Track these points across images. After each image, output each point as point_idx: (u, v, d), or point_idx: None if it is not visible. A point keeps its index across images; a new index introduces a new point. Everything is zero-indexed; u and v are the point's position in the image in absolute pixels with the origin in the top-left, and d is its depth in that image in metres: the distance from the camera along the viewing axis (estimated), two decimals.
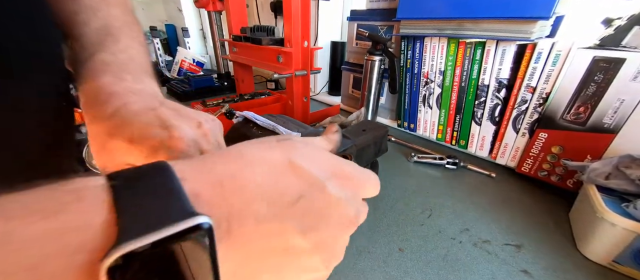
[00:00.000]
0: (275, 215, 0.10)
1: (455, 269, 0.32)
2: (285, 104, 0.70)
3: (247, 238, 0.09)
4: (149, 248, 0.07)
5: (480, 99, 0.54)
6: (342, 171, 0.13)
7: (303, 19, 0.58)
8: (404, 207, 0.43)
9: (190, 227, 0.08)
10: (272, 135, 0.14)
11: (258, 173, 0.10)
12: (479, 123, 0.55)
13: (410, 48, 0.61)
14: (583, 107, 0.41)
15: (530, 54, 0.46)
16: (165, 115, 0.16)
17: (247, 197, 0.10)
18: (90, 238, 0.07)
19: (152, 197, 0.08)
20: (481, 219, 0.41)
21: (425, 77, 0.61)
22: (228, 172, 0.10)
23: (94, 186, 0.08)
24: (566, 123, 0.43)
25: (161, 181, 0.09)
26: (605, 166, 0.37)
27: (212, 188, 0.09)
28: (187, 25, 1.55)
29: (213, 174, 0.10)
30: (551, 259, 0.34)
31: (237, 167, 0.10)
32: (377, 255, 0.34)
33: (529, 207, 0.44)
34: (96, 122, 0.16)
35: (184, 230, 0.08)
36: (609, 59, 0.38)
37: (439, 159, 0.55)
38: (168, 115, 0.17)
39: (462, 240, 0.37)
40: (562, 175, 0.46)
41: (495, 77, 0.51)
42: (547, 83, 0.45)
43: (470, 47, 0.52)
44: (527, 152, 0.49)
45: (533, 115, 0.48)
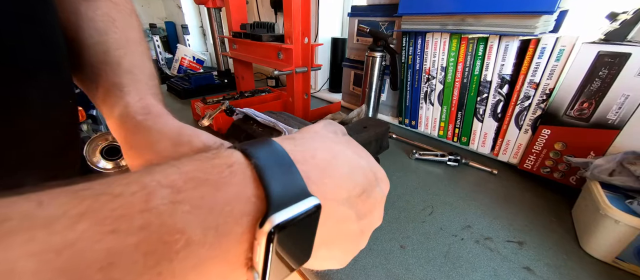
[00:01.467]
0: (348, 202, 0.13)
1: (457, 266, 0.32)
2: (286, 101, 0.70)
3: (325, 216, 0.11)
4: (290, 219, 0.09)
5: (482, 95, 0.53)
6: (379, 172, 0.16)
7: (303, 15, 0.57)
8: (405, 204, 0.43)
9: (312, 206, 0.10)
10: (327, 121, 0.16)
11: (342, 165, 0.13)
12: (481, 120, 0.55)
13: (412, 44, 0.61)
14: (587, 102, 0.41)
15: (534, 49, 0.45)
16: None
17: (336, 183, 0.12)
18: (248, 208, 0.09)
19: (282, 177, 0.10)
20: (483, 216, 0.41)
21: (427, 74, 0.60)
22: (325, 160, 0.12)
23: (238, 162, 0.10)
24: (569, 119, 0.43)
25: (284, 162, 0.11)
26: (609, 163, 0.36)
27: (316, 172, 0.12)
28: (187, 23, 1.54)
29: (316, 160, 0.12)
30: (554, 256, 0.34)
31: (330, 156, 0.13)
32: (379, 253, 0.34)
33: (531, 204, 0.44)
34: None
35: (309, 209, 0.10)
36: (614, 53, 0.37)
37: (440, 156, 0.55)
38: None
39: (464, 237, 0.37)
40: (564, 172, 0.45)
41: (498, 73, 0.50)
42: (550, 79, 0.44)
43: (472, 42, 0.52)
44: (529, 149, 0.48)
45: (536, 112, 0.47)
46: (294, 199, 0.10)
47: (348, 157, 0.13)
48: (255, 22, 0.71)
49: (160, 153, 0.17)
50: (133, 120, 0.18)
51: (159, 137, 0.18)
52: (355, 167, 0.13)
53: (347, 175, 0.13)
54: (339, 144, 0.14)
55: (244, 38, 0.72)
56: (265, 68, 1.19)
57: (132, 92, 0.20)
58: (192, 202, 0.08)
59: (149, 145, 0.18)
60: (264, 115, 0.29)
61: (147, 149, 0.18)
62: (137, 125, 0.18)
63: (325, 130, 0.15)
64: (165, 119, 0.19)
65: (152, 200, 0.07)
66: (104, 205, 0.07)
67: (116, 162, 0.83)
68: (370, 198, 0.14)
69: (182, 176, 0.09)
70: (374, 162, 0.16)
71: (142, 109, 0.19)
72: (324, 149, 0.13)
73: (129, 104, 0.19)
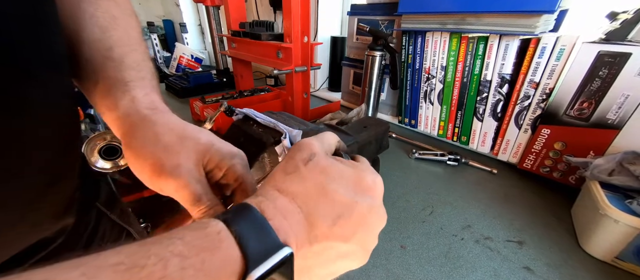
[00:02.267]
0: (322, 235, 0.14)
1: (458, 266, 0.32)
2: (285, 101, 0.70)
3: (303, 255, 0.13)
4: (267, 271, 0.11)
5: (482, 94, 0.53)
6: (364, 182, 0.15)
7: (303, 13, 0.57)
8: (405, 203, 0.43)
9: (286, 255, 0.12)
10: (293, 150, 0.16)
11: (302, 205, 0.14)
12: (481, 119, 0.55)
13: (412, 43, 0.60)
14: (587, 102, 0.41)
15: (534, 48, 0.45)
16: None
17: (301, 228, 0.13)
18: (234, 267, 0.11)
19: (258, 237, 0.12)
20: (483, 215, 0.41)
21: (427, 73, 0.60)
22: (285, 209, 0.14)
23: (224, 230, 0.12)
24: (569, 119, 0.43)
25: (257, 223, 0.12)
26: (609, 162, 0.36)
27: (284, 223, 0.13)
28: (185, 21, 1.53)
29: (278, 210, 0.13)
30: (553, 256, 0.34)
31: (286, 203, 0.14)
32: (379, 253, 0.34)
33: (531, 203, 0.44)
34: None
35: (283, 258, 0.12)
36: (614, 53, 0.37)
37: (440, 155, 0.55)
38: None
39: (464, 237, 0.37)
40: (564, 172, 0.46)
41: (498, 72, 0.50)
42: (550, 78, 0.44)
43: (472, 42, 0.52)
44: (529, 148, 0.48)
45: (536, 111, 0.47)
46: (269, 254, 0.12)
47: (307, 195, 0.14)
48: (254, 21, 0.70)
49: (167, 145, 0.18)
50: (139, 113, 0.19)
51: (165, 130, 0.18)
52: (317, 200, 0.14)
53: (312, 213, 0.14)
54: (298, 183, 0.15)
55: (243, 37, 0.72)
56: (265, 67, 1.18)
57: (138, 88, 0.20)
58: (195, 266, 0.10)
59: (156, 138, 0.18)
60: (264, 116, 0.29)
61: (153, 141, 0.18)
62: (144, 119, 0.18)
63: (285, 173, 0.15)
64: (170, 115, 0.20)
65: (168, 267, 0.10)
66: (135, 275, 0.09)
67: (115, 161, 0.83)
68: (351, 219, 0.14)
69: (186, 246, 0.10)
70: (353, 175, 0.15)
71: (150, 103, 0.19)
72: (281, 198, 0.14)
73: (135, 97, 0.19)
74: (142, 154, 0.18)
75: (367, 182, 0.16)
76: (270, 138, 0.26)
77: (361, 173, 0.16)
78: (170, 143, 0.18)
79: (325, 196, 0.14)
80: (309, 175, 0.15)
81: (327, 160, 0.16)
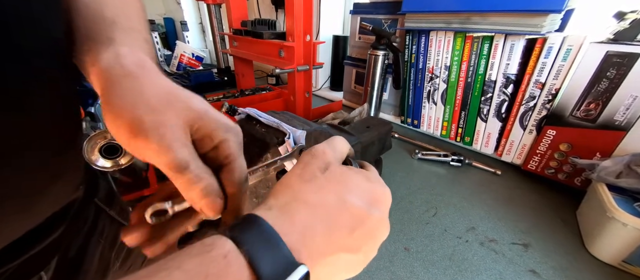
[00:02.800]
0: (337, 247, 0.14)
1: (462, 269, 0.32)
2: (287, 100, 0.69)
3: (316, 264, 0.13)
4: None
5: (486, 95, 0.53)
6: (376, 194, 0.16)
7: (305, 12, 0.56)
8: (408, 205, 0.42)
9: (302, 276, 0.11)
10: (307, 157, 0.16)
11: (323, 218, 0.14)
12: (485, 119, 0.54)
13: (415, 42, 0.60)
14: (594, 103, 0.40)
15: (540, 48, 0.45)
16: None
17: (319, 240, 0.13)
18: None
19: (271, 256, 0.11)
20: (487, 217, 0.40)
21: (430, 73, 0.59)
22: (304, 222, 0.13)
23: (232, 251, 0.11)
24: (575, 120, 0.42)
25: (271, 239, 0.12)
26: (616, 164, 0.36)
27: (299, 239, 0.13)
28: (186, 19, 1.53)
29: (295, 226, 0.13)
30: (559, 259, 0.34)
31: (307, 216, 0.13)
32: (383, 255, 0.33)
33: (535, 205, 0.43)
34: None
35: (299, 278, 0.11)
36: (623, 54, 0.36)
37: (443, 156, 0.54)
38: None
39: (468, 240, 0.36)
40: (569, 173, 0.45)
41: (503, 72, 0.49)
42: (556, 79, 0.44)
43: (477, 41, 0.51)
44: (534, 150, 0.48)
45: (541, 112, 0.47)
46: (284, 274, 0.11)
47: (327, 206, 0.14)
48: (256, 19, 0.69)
49: (151, 104, 0.15)
50: (124, 69, 0.15)
51: (151, 88, 0.15)
52: (337, 212, 0.14)
53: (330, 225, 0.14)
54: (317, 192, 0.14)
55: (244, 35, 0.71)
56: (266, 66, 1.18)
57: (126, 46, 0.17)
58: None
59: (138, 94, 0.15)
60: (267, 116, 0.29)
61: (135, 97, 0.15)
62: (127, 75, 0.15)
63: (302, 180, 0.15)
64: (160, 77, 0.17)
65: None
66: None
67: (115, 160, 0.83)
68: (363, 230, 0.14)
69: (186, 275, 0.10)
70: (367, 186, 0.15)
71: (137, 60, 0.16)
72: (302, 209, 0.14)
73: (120, 54, 0.16)
74: (120, 111, 0.14)
75: (378, 193, 0.16)
76: (273, 138, 0.26)
77: (373, 184, 0.16)
78: (155, 102, 0.15)
79: (344, 208, 0.14)
80: (328, 185, 0.14)
81: (342, 169, 0.16)
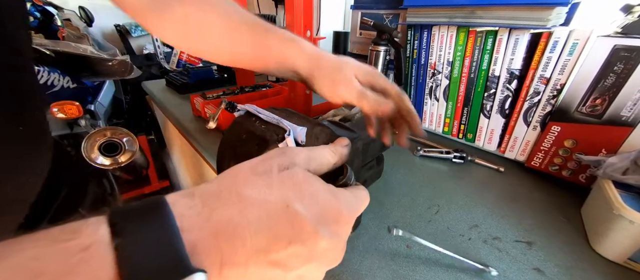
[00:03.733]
0: (264, 259, 0.11)
1: (465, 267, 0.31)
2: (287, 97, 0.68)
3: (227, 273, 0.11)
4: None
5: (489, 90, 0.52)
6: (333, 211, 0.13)
7: (305, 7, 0.55)
8: (410, 202, 0.42)
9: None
10: (274, 151, 0.14)
11: (254, 218, 0.11)
12: (488, 116, 0.54)
13: (417, 38, 0.59)
14: (600, 99, 0.39)
15: (545, 43, 0.44)
16: None
17: (240, 243, 0.11)
18: None
19: (153, 255, 0.09)
20: (490, 215, 0.40)
21: (432, 68, 0.59)
22: (225, 219, 0.11)
23: (99, 242, 0.08)
24: (581, 116, 0.41)
25: (163, 235, 0.09)
26: (623, 161, 0.35)
27: (208, 239, 0.10)
28: None
29: (210, 223, 0.11)
30: (564, 257, 0.33)
31: (235, 212, 0.11)
32: (385, 252, 0.33)
33: (539, 202, 0.43)
34: None
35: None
36: (631, 47, 0.36)
37: (445, 153, 0.53)
38: None
39: (471, 237, 0.36)
40: (574, 170, 0.44)
41: (507, 67, 0.49)
42: (562, 74, 0.43)
43: (481, 36, 0.50)
44: (538, 146, 0.47)
45: (545, 108, 0.46)
46: (166, 278, 0.09)
47: (269, 206, 0.12)
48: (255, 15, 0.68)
49: (337, 68, 0.28)
50: (315, 52, 0.29)
51: (330, 60, 0.29)
52: (278, 216, 0.12)
53: (262, 229, 0.11)
54: (261, 191, 0.12)
55: None
56: None
57: (302, 41, 0.30)
58: None
59: (330, 65, 0.28)
60: (267, 112, 0.28)
61: (330, 67, 0.27)
62: (318, 57, 0.28)
63: (252, 171, 0.13)
64: (328, 53, 0.29)
65: None
66: None
67: (115, 158, 0.83)
68: (301, 249, 0.12)
69: (14, 269, 0.07)
70: (324, 200, 0.13)
71: (313, 46, 0.31)
72: (229, 203, 0.11)
73: (305, 46, 0.30)
74: (323, 78, 0.27)
75: (337, 211, 0.13)
76: (273, 135, 0.25)
77: (336, 200, 0.14)
78: (336, 66, 0.27)
79: (285, 215, 0.12)
80: (278, 184, 0.13)
81: (305, 175, 0.13)
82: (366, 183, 0.43)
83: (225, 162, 0.30)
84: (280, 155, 0.14)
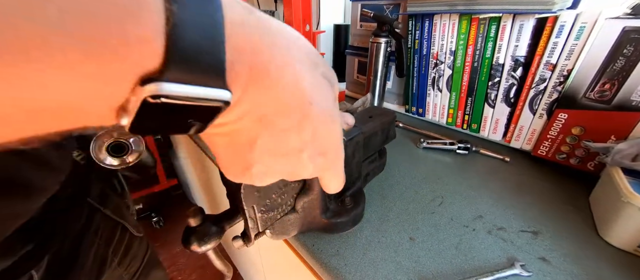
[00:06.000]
0: (282, 114, 0.12)
1: (469, 258, 0.31)
2: None
3: (251, 118, 0.11)
4: (181, 96, 0.08)
5: (494, 79, 0.51)
6: (324, 147, 0.15)
7: (304, 0, 0.55)
8: (414, 194, 0.42)
9: (221, 98, 0.09)
10: (323, 60, 0.16)
11: (283, 94, 0.12)
12: (493, 105, 0.53)
13: (418, 27, 0.58)
14: (609, 83, 0.38)
15: (551, 28, 0.42)
16: None
17: (270, 93, 0.11)
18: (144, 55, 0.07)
19: (198, 45, 0.08)
20: (495, 205, 0.39)
21: (435, 58, 0.57)
22: (263, 63, 0.11)
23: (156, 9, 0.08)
24: (589, 102, 0.40)
25: (213, 32, 0.09)
26: (632, 147, 0.34)
27: (246, 69, 0.10)
28: None
29: (253, 56, 0.10)
30: (571, 245, 0.33)
31: (272, 68, 0.11)
32: (388, 245, 0.33)
33: (546, 191, 0.42)
34: None
35: (215, 97, 0.09)
36: None
37: (449, 144, 0.53)
38: None
39: (475, 228, 0.35)
40: (582, 158, 0.43)
41: (511, 55, 0.47)
42: (569, 59, 0.42)
43: (484, 23, 0.49)
44: (544, 134, 0.46)
45: (552, 95, 0.45)
46: (201, 78, 0.08)
47: (294, 92, 0.12)
48: None
49: None
50: None
51: None
52: (296, 103, 0.12)
53: (281, 98, 0.12)
54: (299, 76, 0.12)
55: None
56: None
57: None
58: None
59: None
60: None
61: None
62: None
63: (303, 61, 0.13)
64: None
65: None
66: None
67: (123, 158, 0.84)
68: (306, 118, 0.13)
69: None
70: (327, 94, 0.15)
71: None
72: (275, 62, 0.11)
73: None
74: None
75: (327, 145, 0.15)
76: None
77: (334, 139, 0.16)
78: None
79: (302, 106, 0.13)
80: (316, 88, 0.13)
81: (334, 99, 0.16)
82: (369, 176, 0.43)
83: None
84: (329, 68, 0.16)
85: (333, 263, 0.31)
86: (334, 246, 0.33)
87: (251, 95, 0.11)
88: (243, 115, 0.11)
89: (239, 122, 0.11)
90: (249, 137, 0.12)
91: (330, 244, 0.33)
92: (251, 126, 0.12)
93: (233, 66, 0.09)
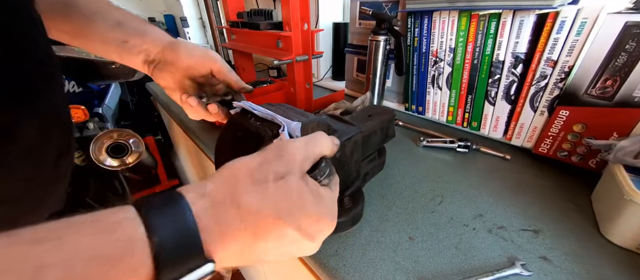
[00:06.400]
0: (251, 258, 0.16)
1: (469, 258, 0.31)
2: (288, 92, 0.68)
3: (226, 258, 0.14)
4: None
5: (494, 76, 0.50)
6: (316, 217, 0.16)
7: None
8: (413, 194, 0.41)
9: (207, 272, 0.12)
10: (272, 153, 0.16)
11: (252, 225, 0.15)
12: (493, 103, 0.52)
13: (418, 25, 0.57)
14: (611, 80, 0.38)
15: (552, 23, 0.42)
16: None
17: (238, 246, 0.14)
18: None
19: (177, 235, 0.12)
20: (496, 204, 0.39)
21: (434, 56, 0.57)
22: (228, 222, 0.14)
23: (140, 239, 0.11)
24: (591, 98, 0.40)
25: (182, 222, 0.12)
26: (635, 144, 0.34)
27: (217, 237, 0.13)
28: (186, 15, 1.51)
29: (219, 226, 0.14)
30: (572, 244, 0.32)
31: (236, 219, 0.14)
32: (387, 245, 0.33)
33: (547, 189, 0.41)
34: None
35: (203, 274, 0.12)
36: None
37: (449, 142, 0.52)
38: None
39: (475, 227, 0.35)
40: (583, 155, 0.43)
41: (512, 51, 0.47)
42: (570, 55, 0.41)
43: (483, 20, 0.48)
44: (545, 132, 0.46)
45: (553, 92, 0.44)
46: (186, 264, 0.12)
47: (267, 214, 0.14)
48: (252, 10, 0.68)
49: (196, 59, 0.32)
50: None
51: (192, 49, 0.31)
52: (275, 223, 0.15)
53: (260, 234, 0.15)
54: (267, 198, 0.15)
55: (241, 27, 0.70)
56: (266, 58, 1.16)
57: None
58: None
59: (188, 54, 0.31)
60: (261, 108, 0.28)
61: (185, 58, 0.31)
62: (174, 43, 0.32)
63: (251, 179, 0.15)
64: None
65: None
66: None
67: (122, 159, 0.85)
68: (282, 245, 0.15)
69: (83, 251, 0.10)
70: (312, 210, 0.16)
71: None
72: (244, 209, 0.14)
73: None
74: (174, 77, 0.32)
75: (321, 219, 0.16)
76: (268, 131, 0.25)
77: (320, 211, 0.16)
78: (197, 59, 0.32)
79: (276, 224, 0.15)
80: (274, 193, 0.15)
81: (298, 185, 0.16)
82: (368, 176, 0.42)
83: (223, 160, 0.30)
84: (278, 159, 0.16)
85: (332, 263, 0.31)
86: (332, 246, 0.32)
87: (229, 252, 0.14)
88: (235, 262, 0.15)
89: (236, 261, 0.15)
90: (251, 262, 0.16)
91: (329, 244, 0.33)
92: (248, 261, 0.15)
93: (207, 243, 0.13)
